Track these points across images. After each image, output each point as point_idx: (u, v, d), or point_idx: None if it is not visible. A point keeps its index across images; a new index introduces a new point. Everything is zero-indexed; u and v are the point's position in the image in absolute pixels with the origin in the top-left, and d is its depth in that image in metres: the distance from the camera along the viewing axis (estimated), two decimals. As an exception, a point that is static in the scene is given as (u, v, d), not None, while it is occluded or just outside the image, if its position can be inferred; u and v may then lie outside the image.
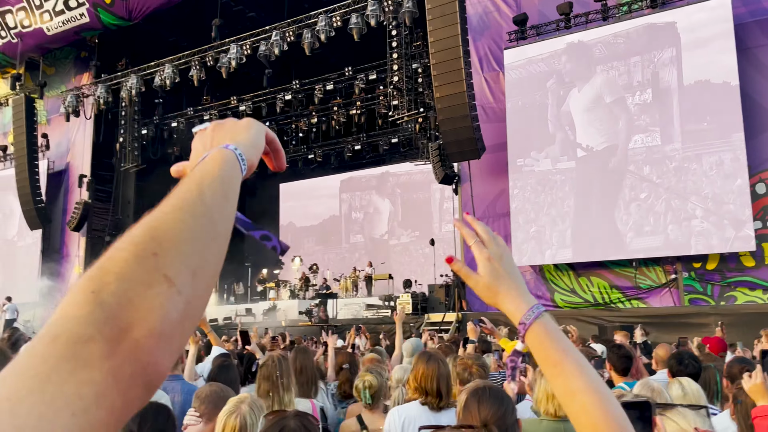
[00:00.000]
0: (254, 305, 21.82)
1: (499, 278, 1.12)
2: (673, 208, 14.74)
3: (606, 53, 16.10)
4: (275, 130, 26.15)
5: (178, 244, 0.62)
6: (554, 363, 1.04)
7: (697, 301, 14.47)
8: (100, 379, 0.52)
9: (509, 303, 1.11)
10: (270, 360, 3.92)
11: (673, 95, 15.21)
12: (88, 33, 24.03)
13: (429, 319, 16.42)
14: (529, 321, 1.07)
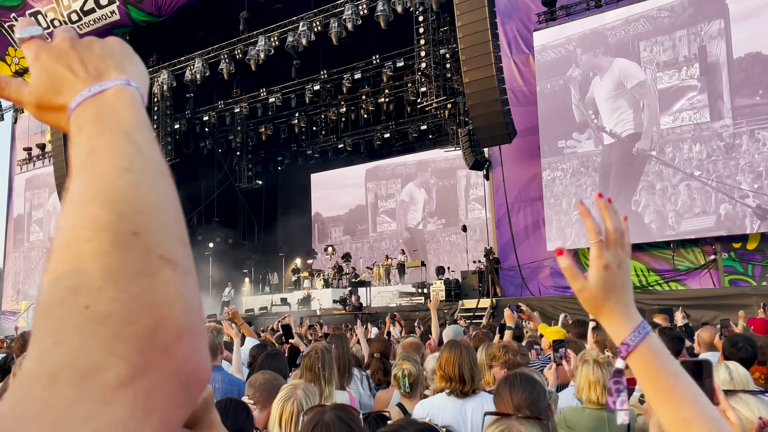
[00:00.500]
0: (289, 295, 22.05)
1: (610, 291, 0.99)
2: (722, 187, 14.32)
3: (649, 28, 15.63)
4: (305, 120, 26.43)
5: (154, 213, 0.49)
6: (663, 388, 0.95)
7: (738, 281, 14.18)
8: (126, 416, 0.40)
9: (613, 320, 0.99)
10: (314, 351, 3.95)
11: (723, 69, 14.70)
12: (118, 30, 24.34)
13: (463, 305, 16.39)
14: (635, 343, 0.97)
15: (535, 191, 16.95)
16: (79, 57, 0.62)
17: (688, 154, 14.92)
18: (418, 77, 19.62)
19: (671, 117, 15.22)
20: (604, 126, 15.93)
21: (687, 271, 14.88)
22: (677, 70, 15.28)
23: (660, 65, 15.51)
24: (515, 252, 16.86)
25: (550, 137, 16.59)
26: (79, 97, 0.58)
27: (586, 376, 3.08)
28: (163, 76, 22.94)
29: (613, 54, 16.05)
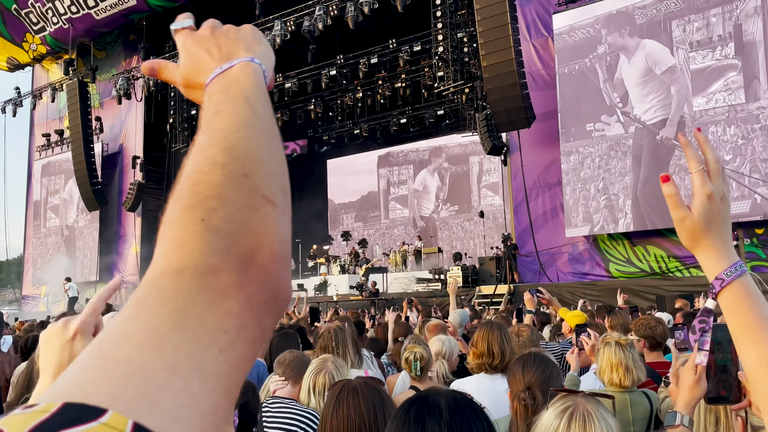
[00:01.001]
0: (306, 281, 22.09)
1: (711, 222, 0.97)
2: (757, 171, 13.92)
3: (682, 6, 15.15)
4: (321, 105, 26.34)
5: (262, 163, 0.59)
6: (751, 329, 0.92)
7: (760, 268, 13.94)
8: (238, 310, 0.49)
9: (711, 253, 0.97)
10: (327, 331, 3.96)
11: (759, 49, 14.20)
12: (135, 15, 24.40)
13: (480, 291, 16.32)
14: (730, 278, 0.94)
15: (553, 176, 16.76)
16: (216, 42, 0.73)
17: (722, 137, 14.48)
18: (435, 61, 19.45)
19: (704, 99, 14.76)
20: (630, 112, 15.59)
21: (708, 257, 14.67)
22: (711, 49, 14.79)
23: (693, 45, 15.03)
24: (533, 238, 16.72)
25: (578, 120, 16.29)
26: (212, 74, 0.69)
27: (608, 358, 3.00)
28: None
29: (642, 34, 15.59)
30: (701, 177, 0.99)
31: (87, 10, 24.14)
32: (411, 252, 22.19)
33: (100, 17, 24.28)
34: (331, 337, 3.90)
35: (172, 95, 25.13)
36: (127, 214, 25.19)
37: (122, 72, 25.20)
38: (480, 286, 16.63)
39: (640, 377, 3.01)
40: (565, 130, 16.43)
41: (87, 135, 24.43)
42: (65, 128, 26.39)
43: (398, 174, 27.93)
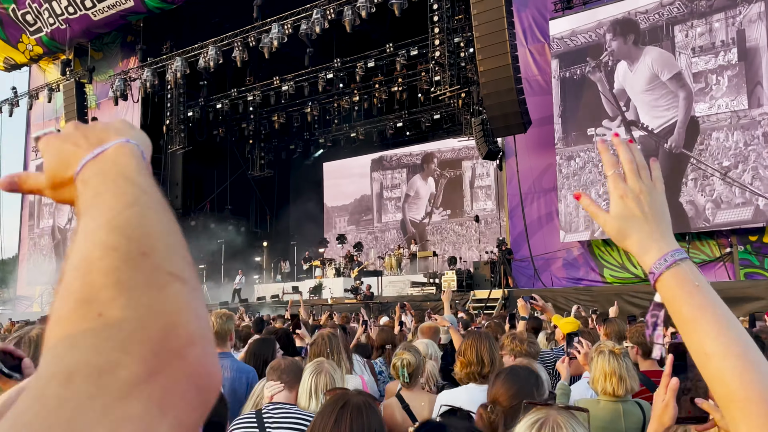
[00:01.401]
0: (301, 283, 22.09)
1: (629, 219, 0.98)
2: (759, 177, 13.88)
3: (685, 11, 15.15)
4: (318, 109, 26.30)
5: (161, 238, 0.53)
6: (686, 320, 0.91)
7: (754, 275, 14.01)
8: (141, 412, 0.41)
9: (639, 248, 0.97)
10: (320, 337, 3.97)
11: (762, 54, 14.14)
12: (133, 17, 24.37)
13: (474, 295, 16.34)
14: (659, 270, 0.93)
15: (548, 182, 16.81)
16: (83, 133, 0.66)
17: (724, 143, 14.43)
18: (431, 66, 19.49)
19: (707, 104, 14.75)
20: (636, 120, 15.53)
21: (702, 263, 14.72)
22: (714, 55, 14.77)
23: (696, 50, 15.02)
24: (528, 243, 16.76)
25: (579, 125, 16.31)
26: (84, 160, 0.61)
27: (601, 367, 3.02)
28: (177, 63, 22.94)
29: (645, 40, 15.60)
30: (614, 179, 1.01)
31: (84, 11, 24.12)
32: (406, 255, 22.21)
33: (97, 18, 24.24)
34: (325, 344, 3.92)
35: (168, 96, 25.12)
36: (123, 216, 25.09)
37: (119, 73, 25.17)
38: (474, 291, 16.65)
39: (634, 387, 3.03)
40: (566, 135, 16.46)
41: (83, 136, 24.34)
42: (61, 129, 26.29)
43: (391, 178, 27.97)
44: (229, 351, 4.15)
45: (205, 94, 26.34)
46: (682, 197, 14.68)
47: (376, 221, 28.16)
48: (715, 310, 0.91)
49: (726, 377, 0.86)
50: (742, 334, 0.89)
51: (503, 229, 19.00)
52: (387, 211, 27.90)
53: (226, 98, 26.09)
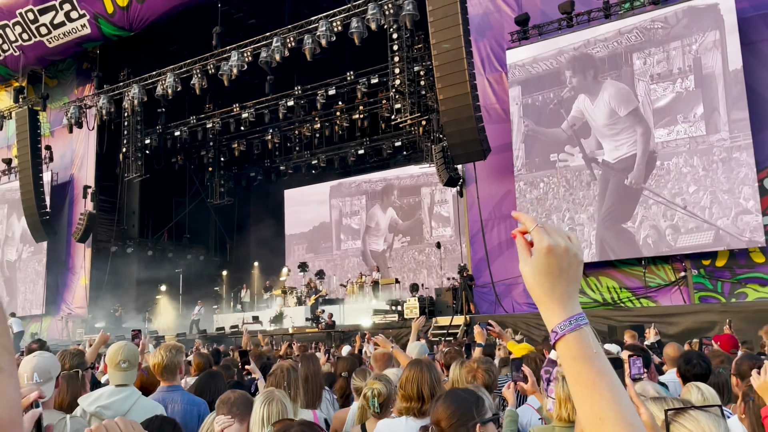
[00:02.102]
0: (261, 313, 21.74)
1: (547, 275, 0.99)
2: (718, 202, 14.15)
3: (642, 39, 15.46)
4: (279, 136, 26.25)
5: None
6: (584, 383, 0.94)
7: (708, 298, 14.30)
8: None
9: (548, 306, 1.00)
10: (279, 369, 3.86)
11: (718, 81, 14.45)
12: (89, 44, 24.06)
13: (437, 322, 16.30)
14: (563, 331, 0.96)
15: (508, 208, 16.98)
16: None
17: (683, 169, 14.72)
18: (392, 94, 19.65)
19: (666, 131, 15.05)
20: (595, 152, 15.79)
21: (658, 287, 14.98)
22: (671, 82, 15.10)
23: (654, 77, 15.35)
24: (489, 269, 16.84)
25: (541, 150, 16.49)
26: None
27: (556, 392, 2.98)
28: (134, 90, 22.66)
29: (605, 69, 15.87)
30: (539, 233, 1.01)
31: (39, 37, 23.71)
32: (368, 283, 22.09)
33: (52, 45, 23.85)
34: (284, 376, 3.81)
35: (125, 124, 24.74)
36: (76, 245, 24.47)
37: (74, 100, 24.72)
38: (437, 317, 16.62)
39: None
40: (529, 160, 16.64)
41: (36, 164, 23.76)
42: (13, 157, 25.65)
43: (350, 204, 27.89)
44: (179, 384, 4.01)
45: (163, 121, 26.05)
46: (645, 222, 14.95)
47: (335, 248, 27.98)
48: (611, 378, 0.94)
49: None
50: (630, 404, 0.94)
51: (464, 255, 19.08)
52: (346, 238, 27.77)
53: (185, 126, 25.83)
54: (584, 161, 15.99)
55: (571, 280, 1.00)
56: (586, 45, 16.16)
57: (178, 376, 3.97)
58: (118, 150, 24.87)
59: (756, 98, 14.21)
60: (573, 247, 1.01)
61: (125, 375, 3.43)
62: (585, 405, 0.93)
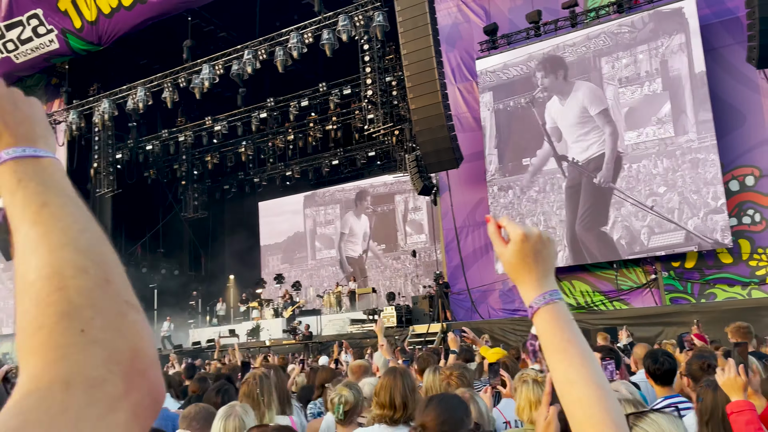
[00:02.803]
0: (237, 326, 21.60)
1: (524, 258, 1.09)
2: (687, 203, 14.38)
3: (610, 44, 15.72)
4: (252, 148, 26.19)
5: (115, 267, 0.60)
6: (557, 350, 1.03)
7: (678, 299, 14.58)
8: (125, 420, 0.51)
9: (526, 285, 1.10)
10: (252, 377, 3.89)
11: (685, 84, 14.73)
12: (57, 59, 23.80)
13: (414, 330, 16.35)
14: (537, 305, 1.07)
15: (482, 215, 17.13)
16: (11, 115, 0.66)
17: (653, 170, 14.93)
18: (364, 104, 19.75)
19: (635, 133, 15.27)
20: (566, 153, 15.97)
21: (629, 290, 15.23)
22: (639, 85, 15.35)
23: (622, 81, 15.58)
24: (464, 276, 16.97)
25: (514, 155, 16.65)
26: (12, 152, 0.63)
27: (526, 396, 3.06)
28: (104, 105, 22.46)
29: (575, 73, 16.13)
30: (513, 224, 1.13)
31: (6, 53, 23.39)
32: (345, 293, 22.09)
33: (20, 61, 23.54)
34: (256, 384, 3.83)
35: (96, 139, 24.48)
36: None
37: (43, 116, 24.40)
38: (413, 326, 16.67)
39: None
40: (502, 165, 16.81)
41: (4, 181, 23.39)
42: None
43: (324, 214, 27.84)
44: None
45: (135, 135, 25.82)
46: (617, 224, 15.19)
47: (310, 258, 27.88)
48: (581, 345, 1.03)
49: (587, 402, 0.98)
50: (600, 368, 1.03)
51: (439, 263, 19.19)
52: (321, 247, 27.71)
53: (157, 139, 25.65)
54: (555, 163, 16.22)
55: (546, 260, 1.10)
56: (555, 50, 16.44)
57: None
58: (89, 165, 24.58)
59: (719, 103, 14.57)
60: (544, 232, 1.12)
61: None
62: (558, 370, 1.02)
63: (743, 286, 14.02)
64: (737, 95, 14.67)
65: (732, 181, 14.49)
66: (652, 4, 15.41)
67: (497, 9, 17.64)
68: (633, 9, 15.69)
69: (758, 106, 14.48)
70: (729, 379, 2.73)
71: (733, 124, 14.59)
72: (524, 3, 17.05)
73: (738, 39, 14.37)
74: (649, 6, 15.44)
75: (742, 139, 14.53)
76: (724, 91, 14.73)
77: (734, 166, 14.50)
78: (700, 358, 4.03)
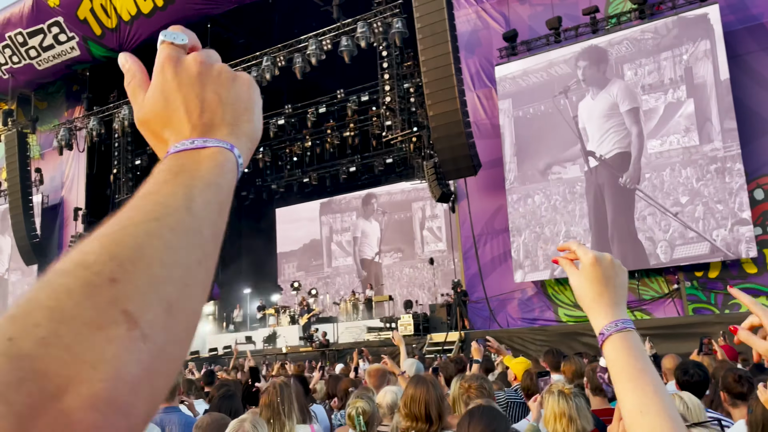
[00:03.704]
0: (254, 332, 21.59)
1: (594, 283, 1.09)
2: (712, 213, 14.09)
3: (633, 50, 15.47)
4: (269, 155, 26.26)
5: (149, 267, 0.44)
6: (628, 378, 1.01)
7: (702, 310, 14.31)
8: None
9: (596, 312, 1.08)
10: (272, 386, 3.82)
11: (711, 91, 14.43)
12: (78, 66, 24.08)
13: (431, 339, 16.21)
14: (609, 332, 1.04)
15: (500, 223, 16.99)
16: (200, 95, 0.61)
17: (677, 179, 14.64)
18: (382, 111, 19.71)
19: (659, 141, 15.00)
20: (593, 150, 15.70)
21: (651, 300, 14.98)
22: (663, 92, 15.08)
23: (646, 88, 15.33)
24: (483, 284, 16.81)
25: (534, 163, 16.43)
26: (180, 146, 0.57)
27: (551, 407, 2.96)
28: (124, 111, 22.64)
29: (610, 73, 15.87)
30: (583, 249, 1.12)
31: (29, 60, 23.71)
32: (362, 301, 22.00)
33: (42, 68, 23.86)
34: (276, 393, 3.76)
35: (116, 146, 24.69)
36: (68, 268, 24.28)
37: (64, 122, 24.68)
38: (431, 334, 16.53)
39: (585, 427, 2.97)
40: (521, 173, 16.62)
41: (25, 187, 23.67)
42: (2, 180, 25.53)
43: (341, 221, 27.74)
44: (177, 405, 3.95)
45: (154, 142, 26.00)
46: (640, 234, 14.91)
47: (326, 266, 27.79)
48: (653, 375, 1.02)
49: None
50: (671, 399, 1.02)
51: (457, 271, 19.04)
52: (337, 255, 27.63)
53: (176, 146, 25.78)
54: (579, 170, 15.86)
55: (618, 287, 1.09)
56: (595, 46, 16.09)
57: (177, 397, 3.91)
58: (109, 171, 24.78)
59: (744, 110, 14.33)
60: (615, 259, 1.11)
61: None
62: (628, 399, 1.00)
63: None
64: (762, 102, 14.42)
65: (756, 189, 14.21)
66: (674, 11, 15.21)
67: (517, 15, 17.53)
68: (655, 15, 15.50)
69: (784, 114, 14.23)
70: None
71: (757, 131, 14.33)
72: (544, 9, 16.92)
73: (763, 45, 14.15)
74: (672, 12, 15.24)
75: (767, 147, 14.26)
76: (748, 98, 14.49)
77: (759, 174, 14.22)
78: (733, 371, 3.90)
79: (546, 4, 16.96)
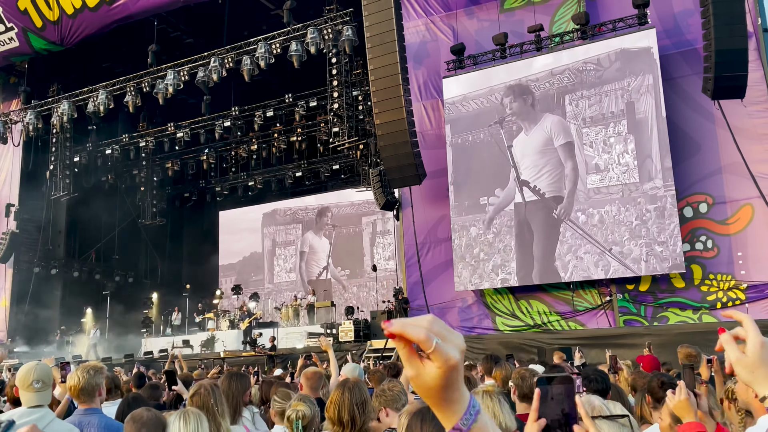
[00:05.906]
0: (192, 336, 21.20)
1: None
2: (655, 252, 14.21)
3: (575, 81, 15.47)
4: (214, 156, 25.83)
5: None
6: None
7: (632, 321, 14.85)
8: None
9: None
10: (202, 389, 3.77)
11: (652, 127, 14.47)
12: (17, 58, 23.23)
13: (371, 345, 16.28)
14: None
15: (443, 232, 17.24)
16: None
17: (617, 217, 14.56)
18: (330, 117, 19.75)
19: (598, 176, 14.97)
20: (528, 180, 15.81)
21: (585, 311, 15.46)
22: (604, 126, 15.01)
23: (586, 121, 15.27)
24: (424, 292, 17.00)
25: (471, 193, 16.52)
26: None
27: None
28: (64, 106, 21.97)
29: (540, 107, 15.93)
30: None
31: (-38, 48, 22.73)
32: (303, 306, 21.90)
33: (-23, 57, 22.90)
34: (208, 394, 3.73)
35: (53, 141, 23.90)
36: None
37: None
38: (371, 341, 16.61)
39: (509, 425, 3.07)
40: (458, 203, 16.63)
41: (-45, 180, 22.66)
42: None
43: (285, 233, 27.12)
44: (98, 407, 3.87)
45: (94, 138, 25.30)
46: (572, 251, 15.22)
47: (267, 281, 26.93)
48: None
49: None
50: None
51: (399, 278, 19.19)
52: (280, 269, 26.76)
53: (117, 144, 25.17)
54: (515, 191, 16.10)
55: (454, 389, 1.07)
56: (519, 83, 16.36)
57: (98, 398, 3.83)
58: (45, 167, 23.96)
59: (676, 130, 14.98)
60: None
61: (38, 396, 3.29)
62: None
63: (694, 310, 14.36)
64: (693, 124, 15.10)
65: (686, 207, 14.86)
66: (614, 32, 15.79)
67: (465, 29, 17.87)
68: (597, 36, 16.05)
69: (713, 136, 14.92)
70: (680, 402, 2.78)
71: (688, 152, 15.00)
72: (491, 25, 17.31)
73: (695, 70, 14.82)
74: (612, 34, 15.82)
75: (696, 167, 14.93)
76: (680, 120, 15.15)
77: (689, 193, 14.88)
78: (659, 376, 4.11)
79: (493, 20, 17.35)
